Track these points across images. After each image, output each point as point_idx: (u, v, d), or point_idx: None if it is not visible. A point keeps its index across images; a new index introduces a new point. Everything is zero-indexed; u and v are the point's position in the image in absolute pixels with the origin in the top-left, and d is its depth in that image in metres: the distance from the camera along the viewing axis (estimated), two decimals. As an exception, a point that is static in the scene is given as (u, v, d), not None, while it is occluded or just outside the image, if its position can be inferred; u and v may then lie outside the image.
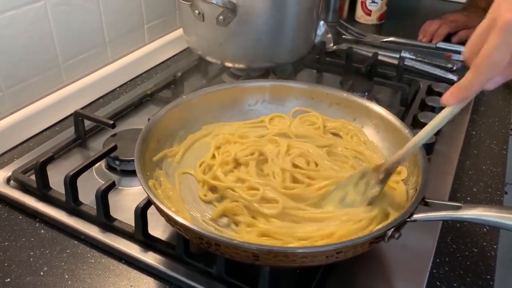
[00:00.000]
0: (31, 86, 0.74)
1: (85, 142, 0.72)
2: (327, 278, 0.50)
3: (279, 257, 0.42)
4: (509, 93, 0.92)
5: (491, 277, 0.52)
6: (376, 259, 0.53)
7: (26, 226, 0.57)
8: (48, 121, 0.76)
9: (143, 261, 0.52)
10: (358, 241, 0.43)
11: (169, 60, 1.01)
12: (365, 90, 0.87)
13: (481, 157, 0.73)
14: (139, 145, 0.54)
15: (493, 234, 0.58)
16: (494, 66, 0.40)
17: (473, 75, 0.42)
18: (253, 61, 0.85)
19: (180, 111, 0.63)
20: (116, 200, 0.60)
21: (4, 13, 0.67)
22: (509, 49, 0.39)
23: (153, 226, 0.54)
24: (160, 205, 0.45)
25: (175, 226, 0.46)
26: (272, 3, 0.78)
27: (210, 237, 0.42)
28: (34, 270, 0.51)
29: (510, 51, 0.39)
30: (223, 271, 0.48)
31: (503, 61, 0.40)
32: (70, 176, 0.56)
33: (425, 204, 0.48)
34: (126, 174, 0.65)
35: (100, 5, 0.83)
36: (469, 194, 0.65)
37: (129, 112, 0.79)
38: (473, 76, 0.42)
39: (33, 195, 0.60)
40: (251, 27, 0.79)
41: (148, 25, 0.96)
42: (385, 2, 1.22)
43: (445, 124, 0.47)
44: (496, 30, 0.39)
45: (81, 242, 0.55)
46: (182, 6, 0.84)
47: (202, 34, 0.84)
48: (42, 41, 0.74)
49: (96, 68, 0.86)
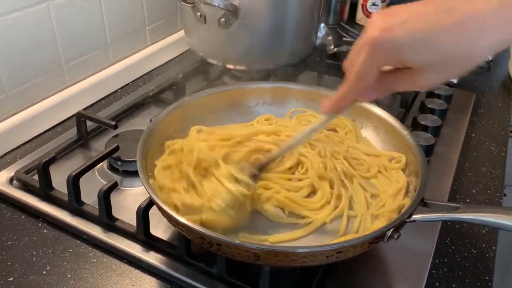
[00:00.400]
0: (34, 87, 0.75)
1: (87, 143, 0.72)
2: (327, 278, 0.51)
3: (279, 257, 0.42)
4: (508, 96, 0.93)
5: (490, 278, 0.53)
6: (376, 259, 0.53)
7: (29, 226, 0.58)
8: (51, 121, 0.77)
9: (145, 260, 0.52)
10: (357, 241, 0.43)
11: (170, 61, 1.01)
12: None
13: (480, 159, 0.73)
14: (141, 146, 0.54)
15: (492, 235, 0.58)
16: (361, 80, 0.42)
17: (346, 87, 0.44)
18: (254, 63, 0.85)
19: (182, 112, 0.63)
20: (118, 200, 0.60)
21: (8, 14, 0.68)
22: (373, 66, 0.40)
23: (154, 226, 0.54)
24: (162, 205, 0.46)
25: (177, 226, 0.46)
26: (273, 5, 0.79)
27: (212, 237, 0.43)
28: (37, 269, 0.52)
29: (374, 68, 0.41)
30: (224, 271, 0.49)
31: (368, 77, 0.41)
32: (72, 176, 0.57)
33: (424, 204, 0.49)
34: (128, 175, 0.65)
35: (102, 7, 0.83)
36: (468, 196, 0.65)
37: (131, 113, 0.80)
38: (346, 88, 0.44)
39: (36, 195, 0.61)
40: (252, 29, 0.80)
41: (149, 27, 0.96)
42: (386, 4, 1.22)
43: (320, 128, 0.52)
44: (365, 46, 0.40)
45: (84, 242, 0.56)
46: (184, 8, 0.84)
47: (203, 36, 0.84)
48: (45, 42, 0.75)
49: (98, 70, 0.87)
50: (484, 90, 0.94)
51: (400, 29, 0.38)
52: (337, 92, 0.45)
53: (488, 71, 1.01)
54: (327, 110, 0.47)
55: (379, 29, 0.39)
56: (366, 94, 0.44)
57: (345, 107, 0.46)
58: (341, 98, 0.45)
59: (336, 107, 0.46)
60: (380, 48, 0.39)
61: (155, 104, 0.83)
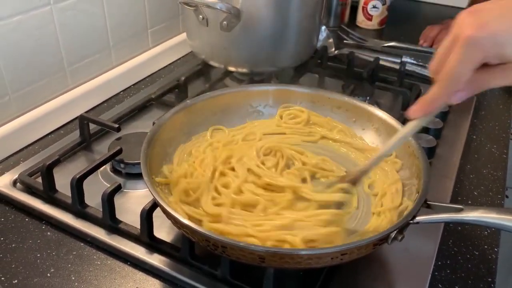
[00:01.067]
0: (37, 90, 0.75)
1: (90, 146, 0.72)
2: (330, 280, 0.51)
3: (284, 259, 0.43)
4: (509, 98, 0.93)
5: (492, 280, 0.53)
6: (379, 262, 0.54)
7: (32, 229, 0.58)
8: (54, 124, 0.77)
9: (149, 263, 0.52)
10: (362, 243, 0.43)
11: (172, 64, 1.02)
12: (367, 94, 0.87)
13: (482, 161, 0.73)
14: (145, 149, 0.54)
15: (494, 237, 0.58)
16: (456, 81, 0.41)
17: (437, 89, 0.43)
18: (256, 65, 0.85)
19: (185, 115, 0.64)
20: (121, 203, 0.60)
21: (11, 18, 0.68)
22: (469, 64, 0.40)
23: (158, 228, 0.55)
24: (167, 207, 0.46)
25: (182, 229, 0.47)
26: (275, 8, 0.79)
27: (217, 239, 0.43)
28: (41, 271, 0.52)
29: (470, 66, 0.40)
30: (227, 273, 0.49)
31: (464, 76, 0.41)
32: (76, 179, 0.57)
33: (427, 206, 0.49)
34: (131, 177, 0.66)
35: (104, 10, 0.84)
36: (470, 198, 0.65)
37: (133, 116, 0.80)
38: (437, 90, 0.43)
39: (40, 197, 0.61)
40: (254, 32, 0.80)
41: (151, 30, 0.97)
42: (386, 7, 1.23)
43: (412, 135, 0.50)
44: (458, 46, 0.40)
45: (87, 244, 0.56)
46: (186, 11, 0.84)
47: (205, 39, 0.85)
48: (48, 45, 0.75)
49: (101, 72, 0.87)
50: (484, 93, 0.94)
51: (497, 24, 0.38)
52: (428, 95, 0.44)
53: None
54: (417, 113, 0.46)
55: (473, 26, 0.38)
56: (457, 94, 0.43)
57: (436, 110, 0.45)
58: (432, 101, 0.44)
59: (427, 110, 0.45)
60: (478, 45, 0.39)
61: (158, 106, 0.83)
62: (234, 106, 0.69)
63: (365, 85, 0.89)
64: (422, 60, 1.01)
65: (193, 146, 0.63)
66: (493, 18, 0.38)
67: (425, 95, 0.44)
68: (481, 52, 0.39)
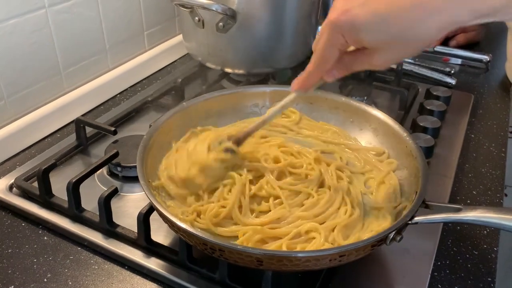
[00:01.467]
0: (32, 94, 0.75)
1: (87, 149, 0.72)
2: (329, 282, 0.51)
3: (283, 261, 0.42)
4: (507, 96, 0.93)
5: (492, 279, 0.53)
6: (378, 262, 0.53)
7: (29, 233, 0.57)
8: (50, 128, 0.77)
9: (146, 267, 0.52)
10: (360, 245, 0.43)
11: (169, 66, 1.01)
12: (364, 94, 0.87)
13: (480, 160, 0.73)
14: (141, 152, 0.54)
15: (494, 237, 0.58)
16: (324, 61, 0.45)
17: (311, 67, 0.47)
18: (253, 66, 0.85)
19: (181, 117, 0.63)
20: (118, 206, 0.60)
21: (6, 21, 0.68)
22: (333, 46, 0.43)
23: (155, 232, 0.54)
24: (163, 211, 0.46)
25: (179, 232, 0.46)
26: (271, 9, 0.79)
27: (214, 243, 0.43)
28: (38, 277, 0.52)
29: (335, 48, 0.44)
30: (226, 276, 0.49)
31: (331, 57, 0.44)
32: (72, 183, 0.56)
33: (426, 206, 0.49)
34: (128, 180, 0.65)
35: (100, 12, 0.83)
36: (469, 197, 0.65)
37: (130, 119, 0.79)
38: (311, 68, 0.47)
39: (36, 202, 0.60)
40: (250, 33, 0.80)
41: (148, 32, 0.97)
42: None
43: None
44: (325, 28, 0.43)
45: (84, 249, 0.55)
46: (182, 13, 0.84)
47: (202, 41, 0.84)
48: (44, 48, 0.75)
49: (97, 75, 0.86)
50: (482, 91, 0.94)
51: (358, 10, 0.41)
52: (304, 72, 0.48)
53: (486, 72, 1.02)
54: (296, 87, 0.50)
55: (339, 11, 0.42)
56: (330, 73, 0.47)
57: (312, 86, 0.49)
58: (308, 77, 0.48)
59: (304, 85, 0.49)
60: (338, 29, 0.42)
61: (154, 109, 0.83)
62: (231, 107, 0.69)
63: (362, 85, 0.89)
64: (419, 59, 1.01)
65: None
66: (357, 5, 0.41)
67: (303, 72, 0.49)
68: (341, 36, 0.42)
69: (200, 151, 0.54)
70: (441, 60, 1.04)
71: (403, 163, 0.58)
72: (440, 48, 1.07)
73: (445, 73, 0.97)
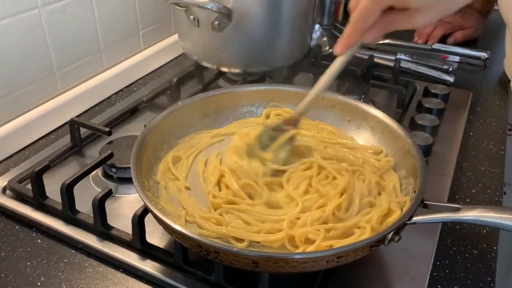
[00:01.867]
0: (26, 95, 0.74)
1: (81, 150, 0.71)
2: (327, 283, 0.50)
3: (279, 263, 0.42)
4: (505, 94, 0.92)
5: (492, 279, 0.52)
6: (376, 263, 0.53)
7: (22, 236, 0.56)
8: (44, 129, 0.76)
9: (141, 269, 0.51)
10: (358, 245, 0.42)
11: (164, 66, 1.00)
12: (362, 93, 0.87)
13: (479, 158, 0.73)
14: (135, 153, 0.53)
15: (493, 236, 0.58)
16: (365, 20, 0.47)
17: (351, 26, 0.49)
18: (249, 65, 0.84)
19: (176, 117, 0.63)
20: (113, 208, 0.59)
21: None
22: (377, 6, 0.46)
23: (150, 234, 0.54)
24: (157, 213, 0.45)
25: (173, 235, 0.46)
26: (267, 7, 0.78)
27: (209, 245, 0.42)
28: (31, 280, 0.51)
29: (378, 8, 0.46)
30: (222, 278, 0.48)
31: (372, 16, 0.47)
32: (66, 184, 0.56)
33: (424, 206, 0.48)
34: (123, 182, 0.64)
35: (94, 12, 0.82)
36: (468, 196, 0.65)
37: (125, 119, 0.79)
38: (350, 27, 0.49)
39: (30, 204, 0.60)
40: (246, 32, 0.79)
41: (143, 31, 0.96)
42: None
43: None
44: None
45: (79, 251, 0.55)
46: (177, 12, 0.83)
47: (197, 40, 0.83)
48: (37, 49, 0.74)
49: (92, 76, 0.86)
50: (481, 89, 0.93)
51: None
52: (343, 34, 0.50)
53: (484, 69, 1.01)
54: (339, 50, 0.51)
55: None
56: (369, 33, 0.49)
57: (353, 46, 0.51)
58: (348, 37, 0.50)
59: (345, 46, 0.51)
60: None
61: (150, 109, 0.82)
62: (227, 107, 0.68)
63: (360, 83, 0.88)
64: (417, 57, 1.00)
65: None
66: None
67: (342, 33, 0.51)
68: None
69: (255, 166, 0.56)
70: (439, 57, 1.03)
71: (401, 162, 0.57)
72: (438, 46, 1.06)
73: (443, 70, 0.96)
